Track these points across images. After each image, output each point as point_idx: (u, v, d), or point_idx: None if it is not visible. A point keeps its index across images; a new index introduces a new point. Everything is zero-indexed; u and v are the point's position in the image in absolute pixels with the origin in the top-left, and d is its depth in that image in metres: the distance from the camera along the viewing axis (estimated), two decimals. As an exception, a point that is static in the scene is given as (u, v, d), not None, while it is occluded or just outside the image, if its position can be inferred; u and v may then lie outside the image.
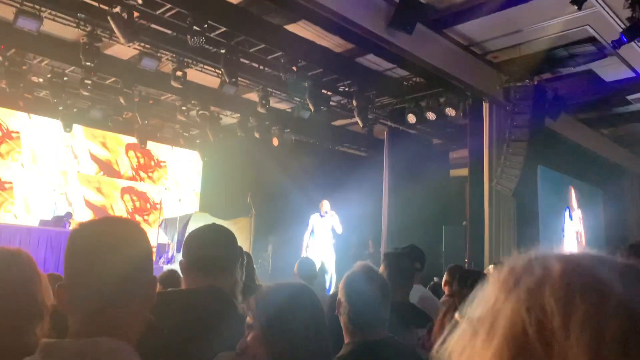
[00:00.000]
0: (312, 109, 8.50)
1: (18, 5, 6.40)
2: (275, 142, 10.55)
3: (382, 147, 10.50)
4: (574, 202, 11.71)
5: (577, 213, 11.75)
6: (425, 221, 9.46)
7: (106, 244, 1.08)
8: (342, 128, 11.48)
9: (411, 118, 8.81)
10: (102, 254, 1.07)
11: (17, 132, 10.62)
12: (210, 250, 1.86)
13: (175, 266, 5.19)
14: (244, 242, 9.60)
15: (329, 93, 8.99)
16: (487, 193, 8.25)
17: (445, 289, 4.03)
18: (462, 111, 8.43)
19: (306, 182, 10.33)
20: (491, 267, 5.50)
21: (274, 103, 9.60)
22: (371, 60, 8.13)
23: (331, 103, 9.27)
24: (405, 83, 8.83)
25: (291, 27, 7.21)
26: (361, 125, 8.93)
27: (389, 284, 2.08)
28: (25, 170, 10.62)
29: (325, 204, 8.79)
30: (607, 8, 6.18)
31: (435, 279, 5.58)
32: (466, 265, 7.75)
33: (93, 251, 1.08)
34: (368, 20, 6.20)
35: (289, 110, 10.37)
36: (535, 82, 8.09)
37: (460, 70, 7.64)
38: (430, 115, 8.58)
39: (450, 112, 8.41)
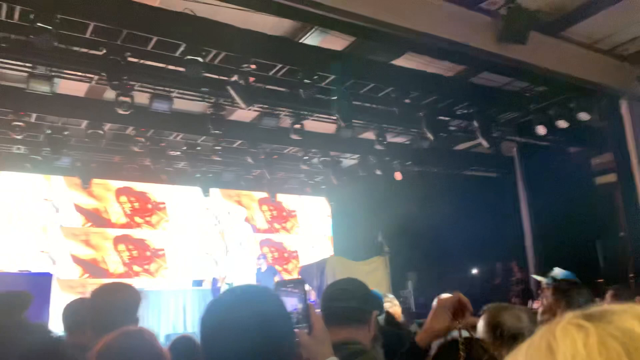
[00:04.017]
0: (431, 138, 8.32)
1: (152, 91, 7.14)
2: (398, 176, 10.46)
3: (512, 164, 9.94)
4: None
5: None
6: (575, 237, 8.66)
7: (238, 314, 1.11)
8: (466, 151, 11.09)
9: (541, 129, 8.25)
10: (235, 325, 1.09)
11: (163, 203, 11.68)
12: (344, 302, 1.84)
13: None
14: (381, 281, 9.48)
15: (447, 118, 8.77)
16: (643, 198, 7.37)
17: None
18: (597, 114, 7.72)
19: (436, 211, 10.05)
20: None
21: (391, 138, 9.57)
22: (486, 78, 7.82)
23: (450, 128, 9.03)
24: (527, 94, 8.34)
25: (398, 62, 7.21)
26: (486, 145, 8.54)
27: None
28: (174, 236, 11.58)
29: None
30: None
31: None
32: (633, 283, 6.91)
33: (224, 324, 1.10)
34: (476, 38, 5.99)
35: (408, 142, 10.26)
36: (680, 68, 7.20)
37: (587, 71, 7.05)
38: (562, 124, 7.96)
39: (583, 116, 7.74)
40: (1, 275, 8.00)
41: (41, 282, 7.11)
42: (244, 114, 8.49)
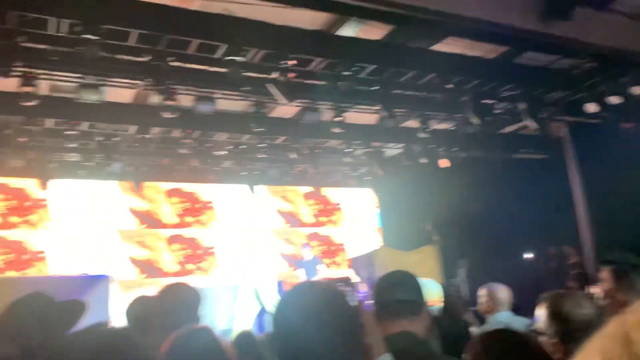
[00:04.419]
0: (477, 122, 8.15)
1: (195, 93, 7.29)
2: (443, 163, 10.30)
3: (562, 145, 9.64)
4: None
5: None
6: (632, 217, 8.30)
7: (309, 311, 1.12)
8: (513, 134, 10.80)
9: (591, 107, 7.94)
10: (306, 322, 1.10)
11: (212, 202, 11.94)
12: (396, 295, 1.83)
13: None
14: (431, 270, 9.40)
15: (492, 101, 8.56)
16: None
17: None
18: (652, 86, 7.37)
19: (485, 197, 9.86)
20: None
21: (435, 125, 9.42)
22: (531, 57, 7.59)
23: (496, 111, 8.81)
24: (575, 72, 8.04)
25: (438, 47, 7.09)
26: (534, 127, 8.30)
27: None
28: (222, 233, 11.82)
29: None
30: None
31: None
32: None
33: (296, 319, 1.12)
34: (519, 17, 5.82)
35: (453, 128, 10.09)
36: None
37: (638, 43, 6.73)
38: (614, 99, 7.63)
39: (637, 90, 7.41)
40: (62, 278, 8.39)
41: (99, 284, 7.39)
42: (286, 109, 8.54)
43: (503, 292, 3.70)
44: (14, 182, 10.31)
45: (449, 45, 7.03)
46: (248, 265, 11.29)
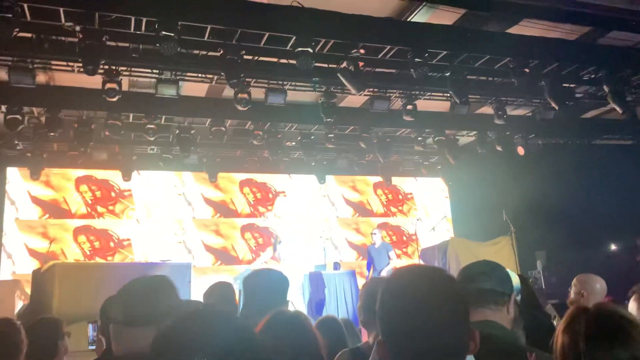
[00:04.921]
0: (556, 107, 7.78)
1: (266, 85, 7.43)
2: (521, 151, 9.91)
3: (651, 129, 9.03)
4: None
5: None
6: None
7: (423, 296, 1.11)
8: (596, 119, 10.22)
9: (684, 88, 7.38)
10: (419, 308, 1.09)
11: (283, 192, 12.16)
12: (479, 283, 1.80)
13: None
14: (507, 261, 9.09)
15: (572, 85, 8.14)
16: None
17: None
18: None
19: (565, 185, 9.41)
20: None
21: (511, 111, 9.08)
22: (615, 37, 7.13)
23: (577, 95, 8.37)
24: (666, 50, 7.48)
25: (513, 30, 6.81)
26: (620, 110, 7.81)
27: None
28: (292, 224, 11.99)
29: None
30: None
31: None
32: None
33: (407, 305, 1.11)
34: (603, -5, 5.49)
35: (530, 114, 9.68)
36: None
37: None
38: None
39: None
40: (148, 265, 8.85)
41: (181, 271, 7.74)
42: (355, 99, 8.52)
43: (598, 283, 3.51)
44: (99, 173, 10.96)
45: (524, 28, 6.73)
46: (316, 254, 11.40)
